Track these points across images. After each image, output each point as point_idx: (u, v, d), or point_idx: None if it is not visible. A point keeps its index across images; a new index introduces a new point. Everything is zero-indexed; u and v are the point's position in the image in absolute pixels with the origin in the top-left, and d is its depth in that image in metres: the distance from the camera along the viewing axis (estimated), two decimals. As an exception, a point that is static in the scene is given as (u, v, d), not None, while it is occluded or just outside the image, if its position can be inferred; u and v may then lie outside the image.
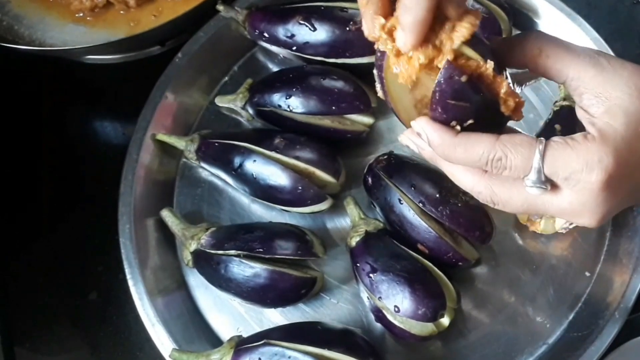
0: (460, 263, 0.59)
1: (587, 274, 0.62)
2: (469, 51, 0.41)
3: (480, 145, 0.41)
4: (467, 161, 0.42)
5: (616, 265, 0.61)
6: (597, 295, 0.60)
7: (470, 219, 0.58)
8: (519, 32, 0.70)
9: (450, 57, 0.41)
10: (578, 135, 0.41)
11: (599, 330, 0.56)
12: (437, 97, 0.41)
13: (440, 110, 0.42)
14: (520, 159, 0.41)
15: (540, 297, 0.61)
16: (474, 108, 0.42)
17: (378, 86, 0.45)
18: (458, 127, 0.42)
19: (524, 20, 0.70)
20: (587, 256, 0.63)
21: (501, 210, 0.45)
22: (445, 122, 0.42)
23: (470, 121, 0.42)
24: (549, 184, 0.41)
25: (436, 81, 0.41)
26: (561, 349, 0.59)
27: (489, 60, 0.41)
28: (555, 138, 0.41)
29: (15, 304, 0.67)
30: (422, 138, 0.43)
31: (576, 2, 0.67)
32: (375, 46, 0.43)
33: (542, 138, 0.41)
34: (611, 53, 0.64)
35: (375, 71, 0.44)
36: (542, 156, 0.40)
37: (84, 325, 0.66)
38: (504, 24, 0.67)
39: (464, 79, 0.40)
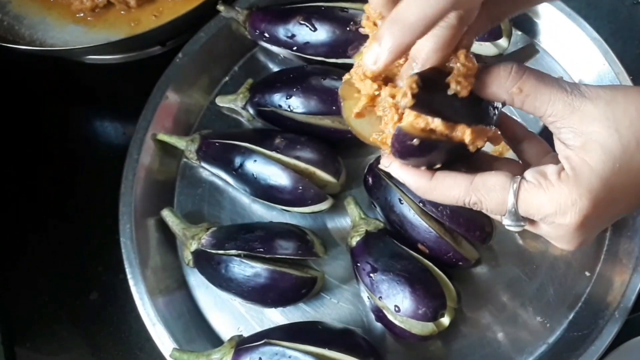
0: (460, 263, 0.59)
1: (587, 273, 0.62)
2: (416, 115, 0.40)
3: (455, 189, 0.43)
4: (444, 202, 0.44)
5: (616, 265, 0.61)
6: (597, 295, 0.60)
7: (471, 218, 0.58)
8: (519, 32, 0.70)
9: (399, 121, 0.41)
10: (552, 174, 0.41)
11: (599, 330, 0.57)
12: (397, 154, 0.42)
13: (404, 160, 0.43)
14: (494, 204, 0.42)
15: (540, 296, 0.61)
16: (439, 156, 0.42)
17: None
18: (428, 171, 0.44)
19: (524, 20, 0.70)
20: (587, 256, 0.63)
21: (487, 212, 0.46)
22: (414, 166, 0.44)
23: (438, 165, 0.43)
24: (527, 220, 0.43)
25: (390, 142, 0.42)
26: (561, 348, 0.59)
27: (435, 119, 0.40)
28: (529, 176, 0.42)
29: (16, 303, 0.67)
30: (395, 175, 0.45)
31: (576, 2, 0.67)
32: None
33: (517, 177, 0.42)
34: (611, 53, 0.64)
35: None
36: (516, 200, 0.41)
37: (84, 325, 0.66)
38: (504, 24, 0.67)
39: (415, 142, 0.41)
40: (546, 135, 0.47)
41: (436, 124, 0.40)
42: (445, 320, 0.57)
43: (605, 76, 0.65)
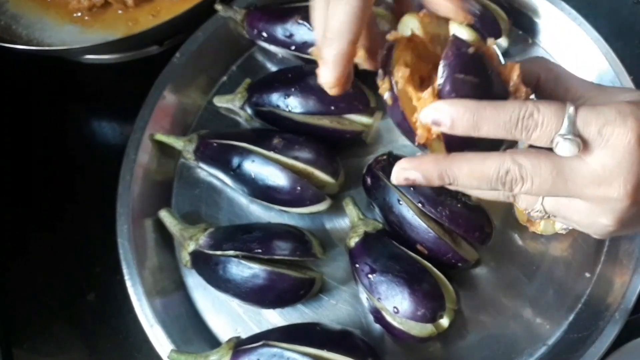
0: (459, 264, 0.59)
1: (587, 275, 0.62)
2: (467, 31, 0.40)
3: (510, 104, 0.39)
4: (497, 121, 0.39)
5: (616, 266, 0.60)
6: (597, 297, 0.60)
7: (470, 219, 0.58)
8: (519, 32, 0.70)
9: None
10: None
11: (599, 331, 0.56)
12: (445, 73, 0.39)
13: (448, 87, 0.39)
14: (553, 112, 0.38)
15: (540, 298, 0.61)
16: (484, 88, 0.40)
17: (385, 87, 0.43)
18: None
19: (524, 20, 0.70)
20: (587, 257, 0.62)
21: (527, 192, 0.41)
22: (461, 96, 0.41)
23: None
24: (581, 141, 0.38)
25: (443, 54, 0.39)
26: (561, 350, 0.59)
27: (489, 39, 0.40)
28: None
29: (13, 304, 0.66)
30: (439, 121, 0.40)
31: (576, 2, 0.67)
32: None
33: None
34: (612, 53, 0.64)
35: (380, 71, 0.43)
36: (576, 110, 0.38)
37: (82, 326, 0.66)
38: (504, 24, 0.66)
39: (471, 50, 0.39)
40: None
41: (489, 43, 0.40)
42: (445, 322, 0.56)
43: (605, 76, 0.64)
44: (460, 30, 0.40)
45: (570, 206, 0.42)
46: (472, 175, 0.41)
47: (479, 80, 0.40)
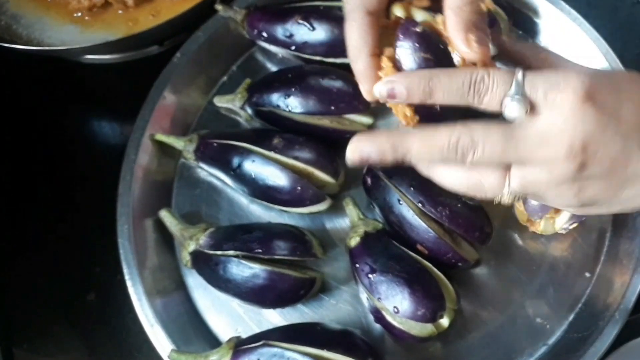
0: (459, 264, 0.59)
1: (587, 274, 0.62)
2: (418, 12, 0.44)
3: (461, 71, 0.41)
4: (450, 87, 0.41)
5: (616, 266, 0.61)
6: (597, 296, 0.60)
7: (470, 219, 0.58)
8: (519, 32, 0.70)
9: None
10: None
11: (599, 331, 0.56)
12: (398, 51, 0.43)
13: (402, 64, 0.43)
14: (503, 76, 0.40)
15: (540, 298, 0.61)
16: (436, 63, 0.43)
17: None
18: None
19: (524, 20, 0.70)
20: (587, 257, 0.62)
21: (479, 160, 0.42)
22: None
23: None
24: (529, 103, 0.40)
25: (396, 38, 0.43)
26: (561, 350, 0.59)
27: (437, 15, 0.43)
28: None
29: (13, 304, 0.66)
30: (394, 93, 0.42)
31: (576, 2, 0.67)
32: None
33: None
34: (611, 53, 0.64)
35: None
36: (523, 74, 0.40)
37: (82, 326, 0.66)
38: (504, 23, 0.66)
39: (419, 28, 0.42)
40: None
41: (438, 20, 0.43)
42: (445, 322, 0.56)
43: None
44: (417, 13, 0.44)
45: (532, 178, 0.43)
46: (423, 146, 0.42)
47: (431, 55, 0.42)
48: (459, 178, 0.45)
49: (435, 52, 0.42)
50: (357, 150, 0.44)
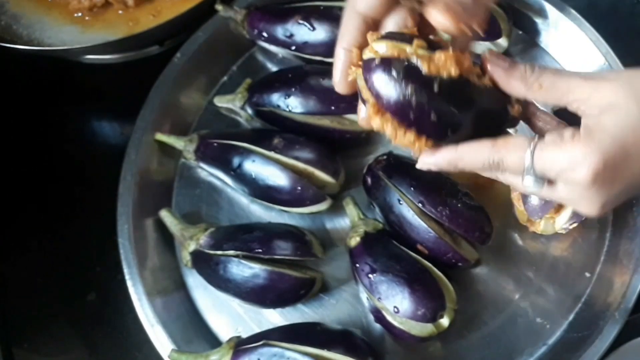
0: (459, 263, 0.59)
1: (587, 274, 0.62)
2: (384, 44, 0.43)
3: (479, 154, 0.45)
4: (473, 167, 0.46)
5: (616, 266, 0.61)
6: (597, 296, 0.60)
7: (470, 219, 0.58)
8: (519, 31, 0.70)
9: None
10: (567, 133, 0.43)
11: (599, 331, 0.56)
12: (371, 88, 0.44)
13: (377, 99, 0.44)
14: (514, 161, 0.44)
15: (540, 297, 0.61)
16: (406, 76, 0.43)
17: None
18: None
19: (524, 20, 0.70)
20: (587, 257, 0.62)
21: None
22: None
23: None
24: (545, 180, 0.45)
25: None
26: (561, 349, 0.59)
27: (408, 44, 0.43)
28: (547, 137, 0.44)
29: (14, 304, 0.67)
30: (433, 168, 0.47)
31: (576, 2, 0.67)
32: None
33: (536, 136, 0.44)
34: (611, 53, 0.64)
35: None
36: (532, 157, 0.44)
37: (82, 326, 0.66)
38: (504, 23, 0.66)
39: (377, 61, 0.43)
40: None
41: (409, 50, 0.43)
42: (445, 321, 0.56)
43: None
44: (377, 46, 0.44)
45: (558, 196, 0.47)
46: (468, 165, 0.47)
47: (396, 76, 0.43)
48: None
49: (401, 72, 0.42)
50: (425, 166, 0.48)
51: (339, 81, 0.47)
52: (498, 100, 0.46)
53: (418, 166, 0.48)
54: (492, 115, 0.46)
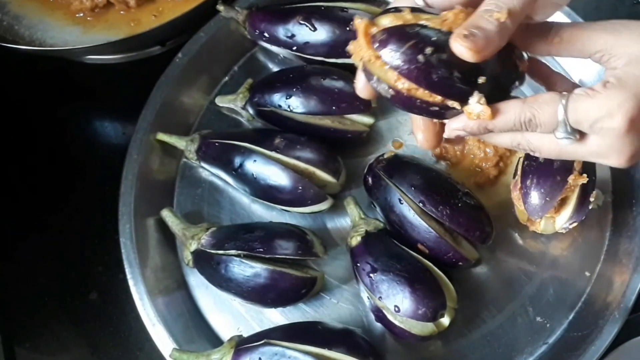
0: (460, 263, 0.59)
1: (587, 273, 0.62)
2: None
3: (511, 112, 0.43)
4: (505, 127, 0.44)
5: (616, 265, 0.61)
6: (597, 295, 0.60)
7: (471, 218, 0.58)
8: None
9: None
10: (598, 85, 0.43)
11: (599, 330, 0.57)
12: (386, 60, 0.41)
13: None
14: (547, 116, 0.43)
15: (540, 296, 0.61)
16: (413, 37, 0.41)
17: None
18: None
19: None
20: (587, 256, 0.63)
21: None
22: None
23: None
24: (577, 133, 0.43)
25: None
26: (561, 348, 0.59)
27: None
28: (577, 90, 0.43)
29: (16, 303, 0.67)
30: (461, 135, 0.45)
31: (576, 2, 0.67)
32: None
33: (564, 92, 0.43)
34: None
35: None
36: (565, 110, 0.42)
37: (84, 325, 0.66)
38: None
39: (380, 34, 0.41)
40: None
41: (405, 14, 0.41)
42: (445, 321, 0.57)
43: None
44: (381, 21, 0.42)
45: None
46: (499, 126, 0.45)
47: (407, 43, 0.41)
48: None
49: (414, 35, 0.41)
50: (453, 132, 0.46)
51: (362, 87, 0.46)
52: (508, 55, 0.44)
53: (446, 134, 0.46)
54: (505, 71, 0.44)
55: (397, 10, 0.43)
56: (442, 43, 0.40)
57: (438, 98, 0.42)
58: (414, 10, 0.42)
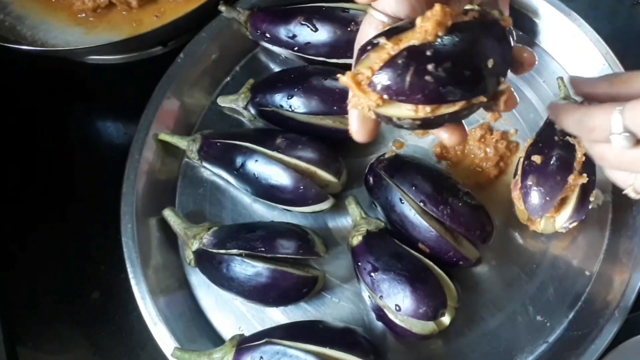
0: (461, 262, 0.60)
1: (587, 273, 0.62)
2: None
3: (575, 113, 0.45)
4: (568, 123, 0.46)
5: (616, 264, 0.61)
6: (597, 294, 0.60)
7: (471, 218, 0.58)
8: (519, 32, 0.71)
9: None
10: None
11: (599, 328, 0.57)
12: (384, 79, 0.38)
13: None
14: (601, 118, 0.44)
15: (540, 296, 0.61)
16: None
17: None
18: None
19: (524, 20, 0.70)
20: (587, 255, 0.63)
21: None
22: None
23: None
24: (633, 137, 0.43)
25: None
26: (561, 347, 0.59)
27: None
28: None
29: (18, 303, 0.67)
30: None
31: (576, 3, 0.67)
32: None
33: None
34: (611, 54, 0.65)
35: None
36: (622, 113, 0.43)
37: (86, 324, 0.66)
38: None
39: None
40: (546, 135, 0.46)
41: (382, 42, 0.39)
42: (446, 320, 0.57)
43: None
44: (363, 64, 0.40)
45: None
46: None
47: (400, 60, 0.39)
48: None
49: (403, 67, 0.38)
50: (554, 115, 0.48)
51: (358, 129, 0.44)
52: (494, 22, 0.41)
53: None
54: (503, 42, 0.41)
55: (373, 45, 0.40)
56: (438, 52, 0.38)
57: (463, 103, 0.39)
58: (386, 35, 0.40)
